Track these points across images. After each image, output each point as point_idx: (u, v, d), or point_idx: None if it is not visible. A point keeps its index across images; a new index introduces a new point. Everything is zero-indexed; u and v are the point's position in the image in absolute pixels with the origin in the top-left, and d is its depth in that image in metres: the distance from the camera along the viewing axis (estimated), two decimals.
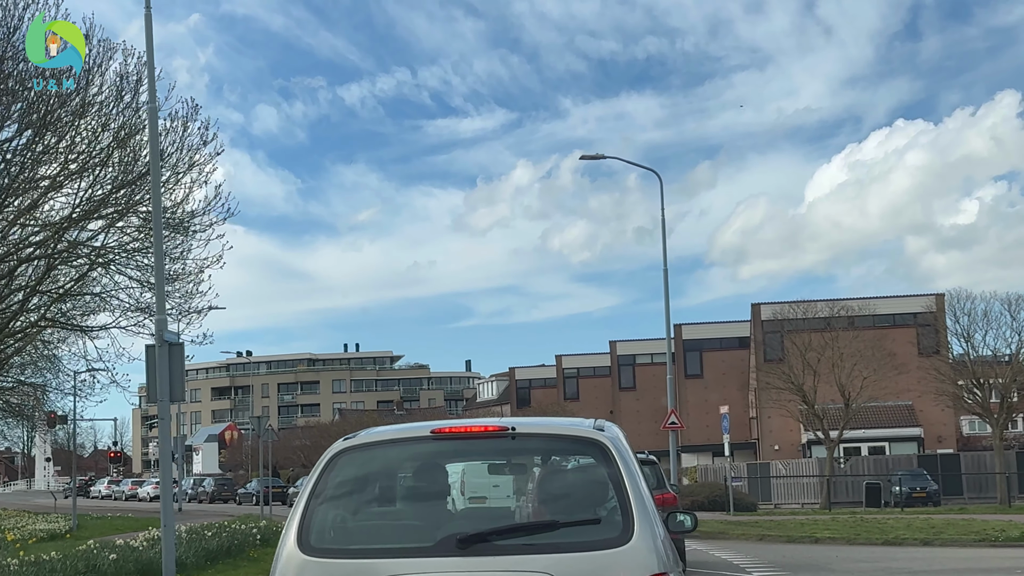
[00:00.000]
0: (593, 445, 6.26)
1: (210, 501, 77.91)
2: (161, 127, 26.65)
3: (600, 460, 6.18)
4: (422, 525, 6.22)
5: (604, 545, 5.82)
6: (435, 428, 6.48)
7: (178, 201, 27.96)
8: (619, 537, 5.84)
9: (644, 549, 5.82)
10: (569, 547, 5.81)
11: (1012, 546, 25.50)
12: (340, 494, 6.31)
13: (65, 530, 36.75)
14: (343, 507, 6.33)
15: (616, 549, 5.81)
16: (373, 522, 6.36)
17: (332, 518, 6.24)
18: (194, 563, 20.64)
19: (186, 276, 29.33)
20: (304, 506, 6.16)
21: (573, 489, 6.36)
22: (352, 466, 6.41)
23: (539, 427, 6.74)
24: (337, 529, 6.23)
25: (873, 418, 62.24)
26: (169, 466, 18.27)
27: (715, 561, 23.60)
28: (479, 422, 6.56)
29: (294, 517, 6.15)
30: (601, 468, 6.15)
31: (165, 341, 17.81)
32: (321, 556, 5.98)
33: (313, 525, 6.11)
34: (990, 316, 48.56)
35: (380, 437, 6.59)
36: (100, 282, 31.67)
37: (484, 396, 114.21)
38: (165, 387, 17.75)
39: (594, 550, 5.81)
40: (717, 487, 50.21)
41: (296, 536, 6.06)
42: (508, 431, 6.32)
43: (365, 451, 6.50)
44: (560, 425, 6.78)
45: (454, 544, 5.84)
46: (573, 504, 6.17)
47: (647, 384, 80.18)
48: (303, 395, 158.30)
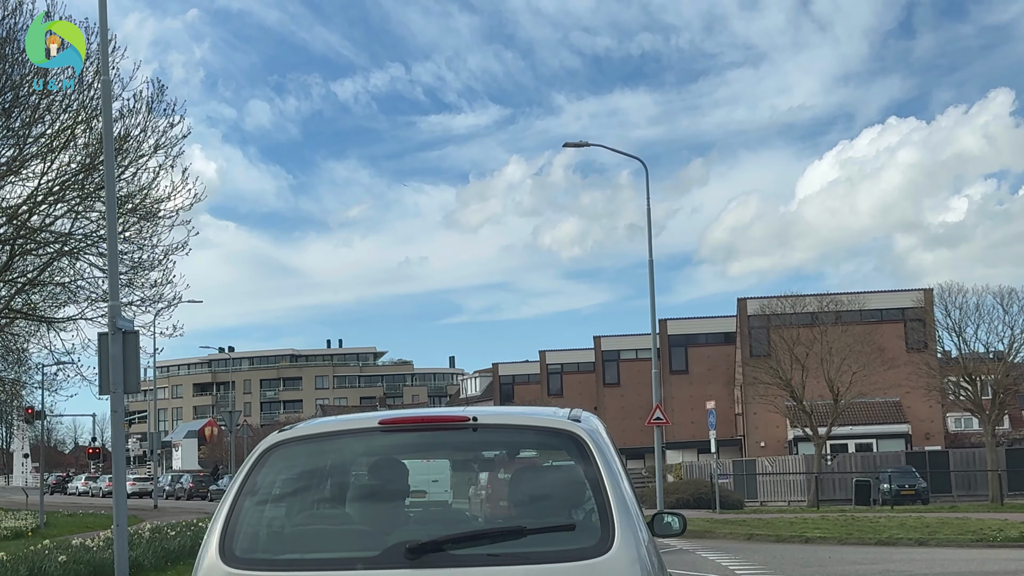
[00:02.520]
0: (568, 438, 5.25)
1: (188, 498, 76.75)
2: (123, 108, 25.63)
3: (575, 456, 5.20)
4: (367, 531, 5.24)
5: (580, 555, 4.84)
6: (384, 418, 5.40)
7: (144, 186, 26.84)
8: (597, 546, 4.87)
9: (626, 559, 4.84)
10: (539, 557, 4.83)
11: (1012, 546, 24.51)
12: (271, 495, 5.34)
13: (31, 528, 35.54)
14: (274, 510, 5.34)
15: (594, 560, 4.83)
16: (309, 527, 5.27)
17: (261, 523, 5.24)
18: (152, 564, 19.55)
19: (151, 264, 28.19)
20: (228, 509, 5.15)
21: (544, 489, 5.35)
22: (287, 462, 5.41)
23: (505, 417, 5.83)
24: (266, 536, 5.25)
25: (860, 414, 61.36)
26: (123, 462, 17.17)
27: (702, 562, 22.56)
28: (434, 412, 5.85)
29: (216, 521, 5.14)
30: (577, 465, 5.18)
31: (119, 329, 16.69)
32: (246, 568, 4.97)
33: (239, 531, 5.10)
34: (982, 310, 47.67)
35: (320, 429, 5.56)
36: (68, 272, 30.66)
37: (468, 392, 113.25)
38: (119, 377, 16.67)
39: (568, 560, 4.83)
40: (703, 484, 49.33)
41: (218, 544, 5.04)
42: (468, 421, 5.33)
43: (303, 444, 5.47)
44: (530, 415, 5.77)
45: (402, 554, 4.84)
46: (544, 507, 5.23)
47: (632, 380, 79.16)
48: (286, 391, 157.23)
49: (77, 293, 30.93)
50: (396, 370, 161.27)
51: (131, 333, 16.95)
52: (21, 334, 35.06)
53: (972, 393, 47.00)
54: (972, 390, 46.86)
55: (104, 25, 17.56)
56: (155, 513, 50.80)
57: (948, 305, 48.05)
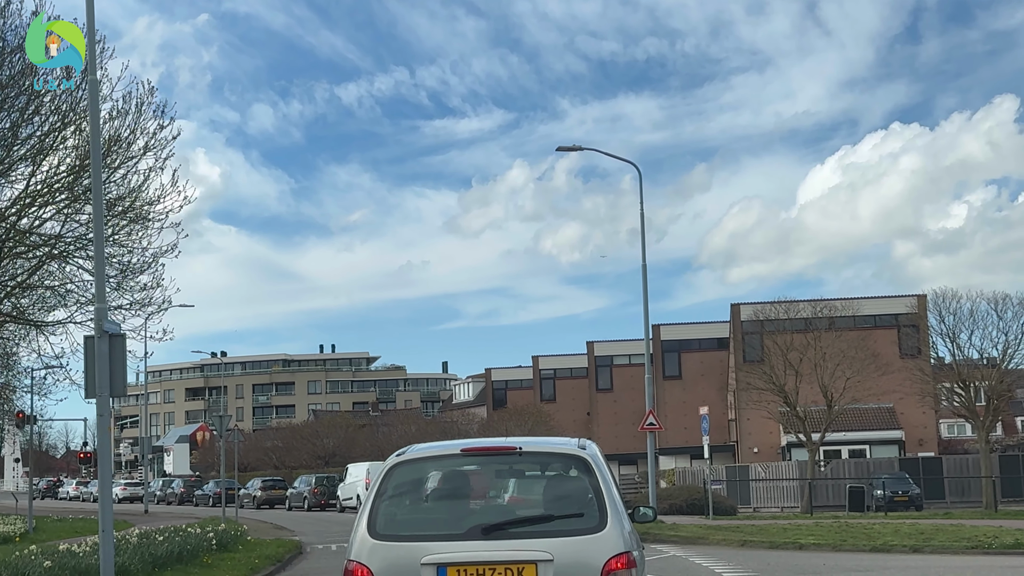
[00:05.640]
0: (579, 459, 8.43)
1: (179, 503, 76.41)
2: (112, 109, 25.41)
3: (583, 471, 8.36)
4: (455, 517, 8.35)
5: (586, 532, 8.02)
6: (464, 447, 8.77)
7: (133, 188, 26.59)
8: (596, 526, 8.04)
9: (614, 535, 8.02)
10: (561, 533, 8.01)
11: (1007, 553, 24.29)
12: (395, 495, 8.46)
13: (19, 533, 35.18)
14: (397, 504, 8.48)
15: (595, 535, 8.00)
16: (419, 515, 8.58)
17: (390, 512, 8.34)
18: (139, 569, 19.24)
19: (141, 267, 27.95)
20: (371, 504, 8.31)
21: (563, 492, 8.52)
22: (403, 475, 8.56)
23: (539, 446, 9.18)
24: (394, 521, 8.31)
25: (853, 420, 61.14)
26: (109, 466, 16.92)
27: (695, 569, 22.33)
28: (495, 442, 8.95)
29: (364, 511, 8.29)
30: (584, 477, 8.31)
31: (105, 332, 16.43)
32: (384, 540, 8.12)
33: (378, 517, 8.24)
34: (976, 316, 47.45)
35: (423, 454, 8.79)
36: (57, 275, 30.44)
37: (460, 397, 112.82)
38: (105, 381, 16.39)
39: (579, 535, 8.00)
40: (696, 490, 49.11)
41: (367, 525, 8.19)
42: (516, 450, 8.77)
43: (412, 464, 8.68)
44: (554, 444, 9.04)
45: (479, 532, 8.02)
46: (564, 502, 8.34)
47: (625, 385, 78.96)
48: (278, 396, 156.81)
49: (66, 297, 30.74)
50: (389, 375, 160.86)
51: (118, 336, 16.70)
52: (11, 338, 34.79)
53: (966, 399, 46.77)
54: (966, 396, 46.63)
55: (91, 23, 17.30)
56: (145, 518, 50.43)
57: (942, 311, 47.81)
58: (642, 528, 30.75)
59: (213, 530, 27.31)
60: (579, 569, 7.88)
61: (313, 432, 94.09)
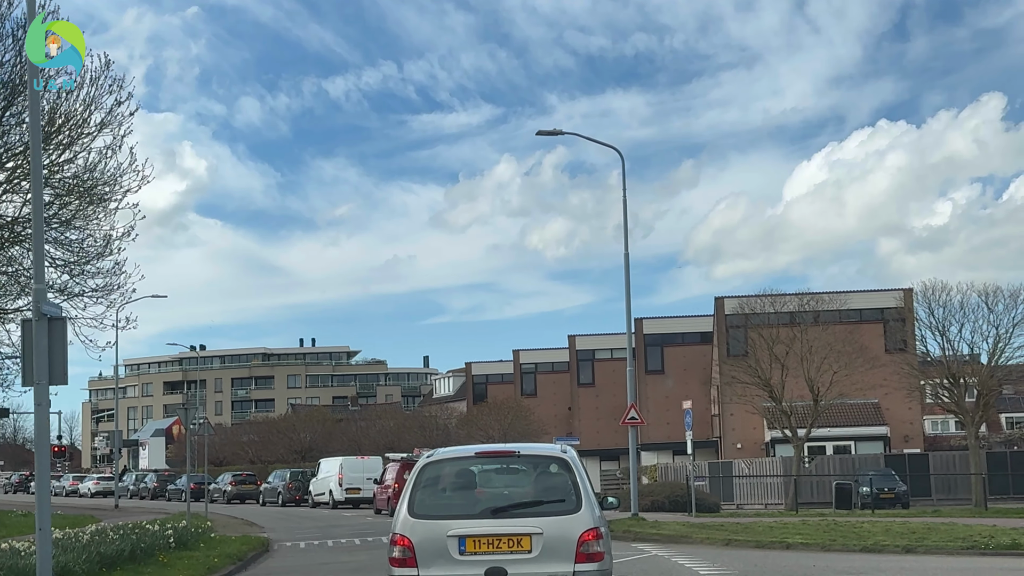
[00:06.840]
0: (562, 460, 11.55)
1: (152, 497, 75.11)
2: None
3: (564, 469, 11.44)
4: (471, 502, 11.48)
5: (566, 513, 11.08)
6: (477, 451, 12.28)
7: (87, 165, 25.22)
8: (574, 509, 11.10)
9: (587, 515, 11.09)
10: (548, 513, 11.08)
11: (1005, 554, 23.14)
12: (427, 486, 11.45)
13: None
14: (429, 493, 11.42)
15: (573, 515, 11.06)
16: (445, 500, 11.51)
17: (423, 498, 11.33)
18: (83, 570, 17.94)
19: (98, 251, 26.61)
20: (410, 492, 11.33)
21: (550, 484, 11.46)
22: (433, 471, 11.62)
23: (532, 450, 12.30)
24: (426, 504, 11.29)
25: (838, 416, 60.02)
26: (47, 459, 15.63)
27: (678, 570, 21.13)
28: (499, 447, 12.77)
29: (405, 497, 11.34)
30: (565, 474, 11.40)
31: (44, 315, 15.19)
32: (420, 519, 11.13)
33: (415, 502, 11.25)
34: (967, 308, 46.37)
35: (447, 455, 11.91)
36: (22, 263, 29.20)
37: (441, 392, 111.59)
38: (44, 368, 15.18)
39: (561, 515, 11.06)
40: (678, 487, 47.98)
41: (407, 507, 11.20)
42: (516, 453, 12.22)
43: (439, 463, 11.71)
44: (543, 448, 12.37)
45: (489, 512, 11.17)
46: (550, 492, 11.36)
47: (607, 380, 77.65)
48: (257, 390, 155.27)
49: (28, 284, 29.46)
50: (369, 369, 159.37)
51: (58, 320, 15.49)
52: None
53: (955, 395, 45.73)
54: (955, 392, 45.57)
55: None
56: (114, 513, 49.14)
57: (932, 304, 46.73)
58: (622, 526, 29.85)
59: (173, 527, 26.04)
60: (561, 539, 10.94)
61: (290, 426, 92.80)
